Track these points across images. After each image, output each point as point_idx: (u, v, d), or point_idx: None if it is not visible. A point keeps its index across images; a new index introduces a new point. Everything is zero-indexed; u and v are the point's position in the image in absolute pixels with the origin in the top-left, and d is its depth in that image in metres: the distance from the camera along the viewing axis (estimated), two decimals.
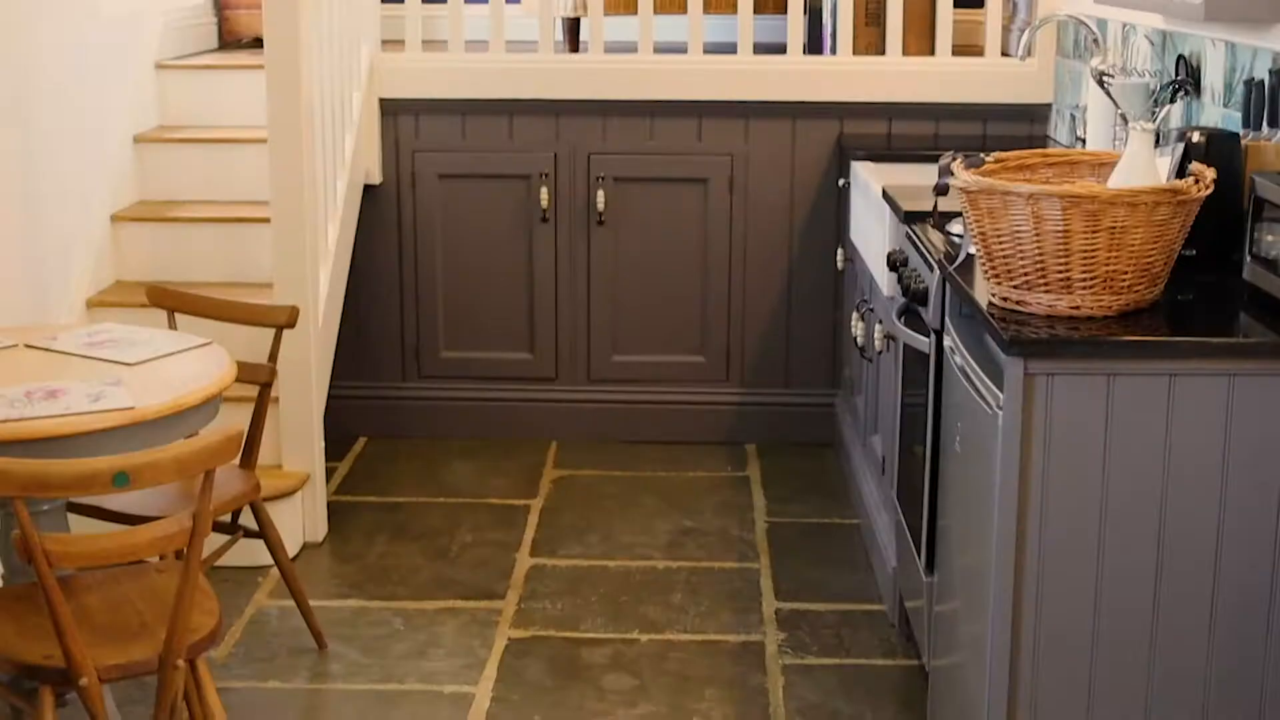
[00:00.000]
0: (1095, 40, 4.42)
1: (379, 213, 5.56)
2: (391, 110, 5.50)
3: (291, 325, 4.06)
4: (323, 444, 4.83)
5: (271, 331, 4.08)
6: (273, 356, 4.03)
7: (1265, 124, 3.26)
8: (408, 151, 5.54)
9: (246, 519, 4.02)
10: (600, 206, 5.51)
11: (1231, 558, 2.77)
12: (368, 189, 5.50)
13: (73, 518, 3.65)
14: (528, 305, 5.64)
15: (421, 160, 5.54)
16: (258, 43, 6.32)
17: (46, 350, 3.68)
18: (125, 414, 3.20)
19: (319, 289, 4.81)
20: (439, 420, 5.71)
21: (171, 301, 4.18)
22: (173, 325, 4.10)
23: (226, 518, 4.00)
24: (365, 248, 5.54)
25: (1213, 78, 3.77)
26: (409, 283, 5.63)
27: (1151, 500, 2.75)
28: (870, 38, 5.51)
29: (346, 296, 5.33)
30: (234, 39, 6.57)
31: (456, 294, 5.63)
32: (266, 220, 4.78)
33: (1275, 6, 3.40)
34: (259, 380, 3.96)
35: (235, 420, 3.22)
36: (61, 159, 5.02)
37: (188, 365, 3.56)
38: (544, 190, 5.51)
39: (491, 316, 5.65)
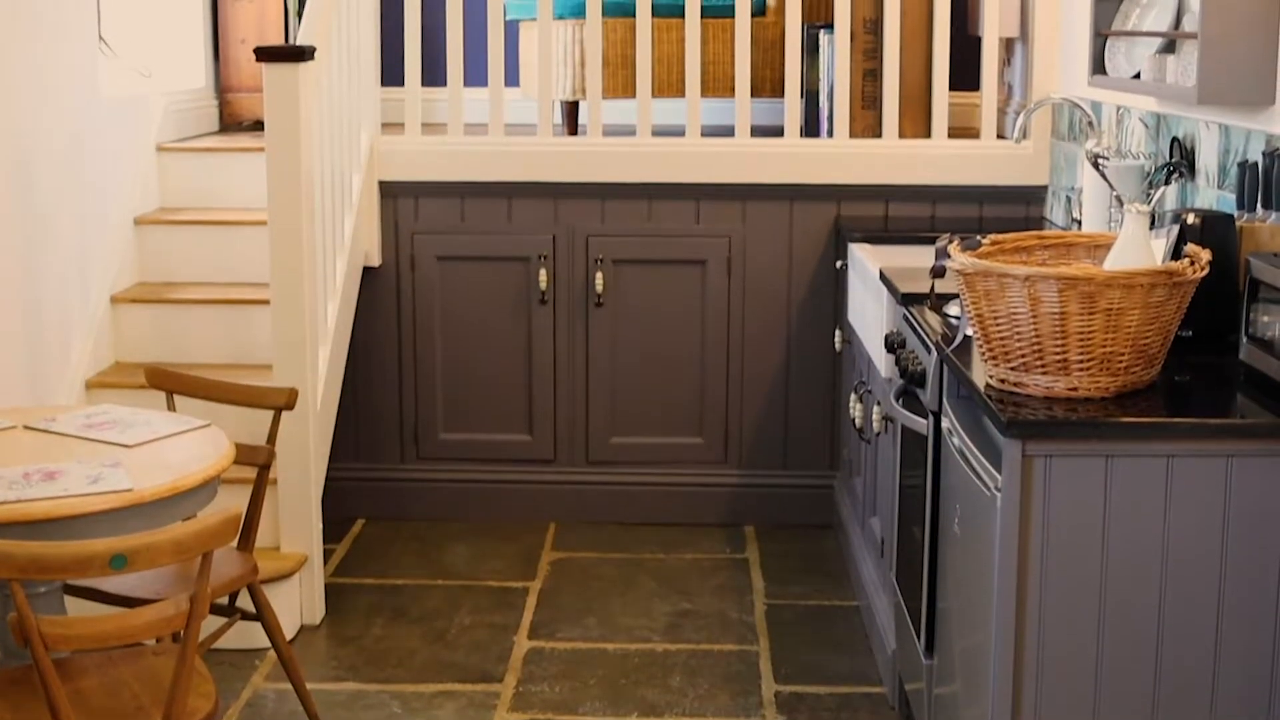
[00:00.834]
0: (1090, 123, 4.45)
1: (378, 294, 5.58)
2: (391, 192, 5.53)
3: (290, 407, 4.06)
4: (321, 525, 4.82)
5: (270, 413, 4.08)
6: (271, 438, 4.04)
7: (1259, 205, 3.28)
8: (407, 233, 5.56)
9: (244, 601, 4.01)
10: (599, 288, 5.53)
11: (1232, 639, 2.76)
12: (367, 271, 5.52)
13: (70, 600, 3.64)
14: (526, 387, 5.64)
15: (421, 242, 5.57)
16: (258, 125, 6.37)
17: (45, 432, 3.68)
18: (123, 496, 3.20)
19: (318, 371, 4.82)
20: (437, 502, 5.70)
21: (170, 383, 4.18)
22: (172, 407, 4.11)
23: (224, 599, 3.99)
24: (364, 329, 5.55)
25: (1207, 160, 3.79)
26: (408, 364, 5.64)
27: (1151, 582, 2.74)
28: (867, 120, 5.55)
29: (345, 378, 5.34)
30: (235, 122, 6.61)
31: (455, 376, 5.64)
32: (266, 302, 4.80)
33: (1267, 90, 3.43)
34: (257, 462, 3.96)
35: (233, 502, 3.22)
36: (62, 240, 5.04)
37: (186, 447, 3.57)
38: (543, 272, 5.53)
39: (490, 398, 5.65)
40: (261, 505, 4.00)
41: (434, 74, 5.93)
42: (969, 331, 3.14)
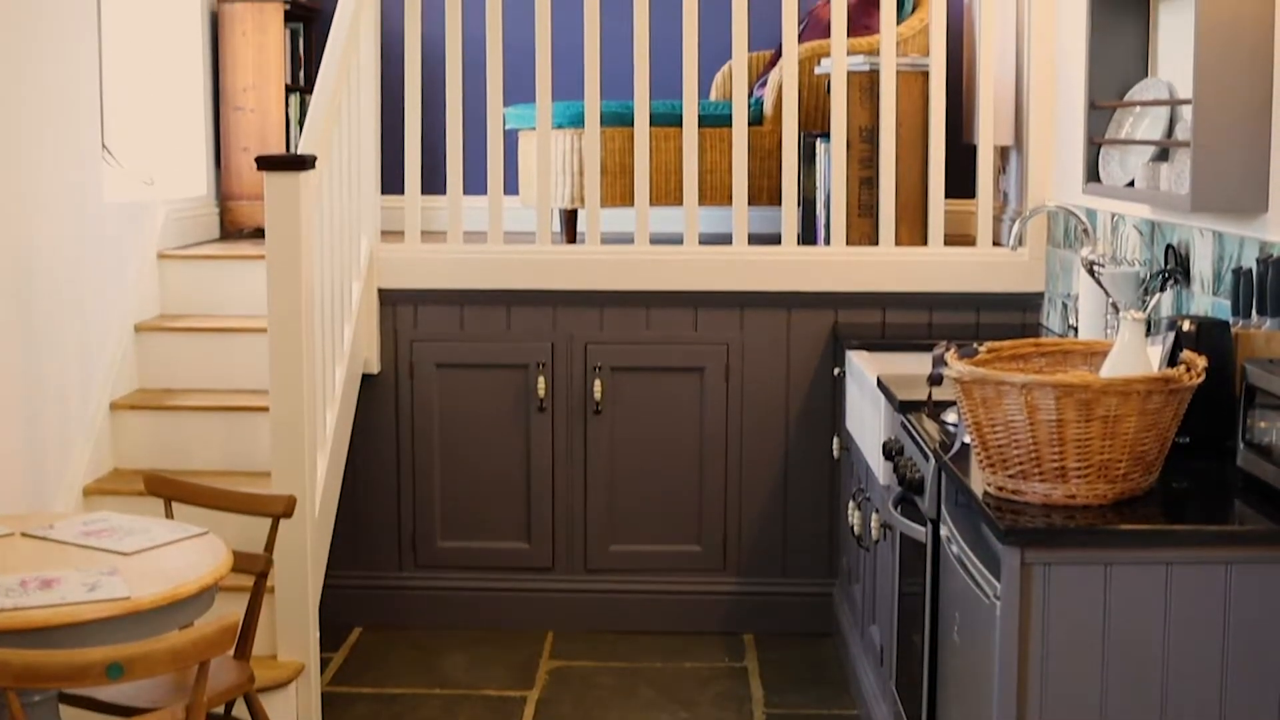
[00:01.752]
0: (1085, 230, 4.48)
1: (377, 401, 5.58)
2: (390, 300, 5.56)
3: (288, 515, 4.06)
4: (318, 634, 4.79)
5: (268, 520, 4.08)
6: (269, 546, 4.03)
7: (1254, 312, 3.30)
8: (406, 341, 5.58)
9: (240, 710, 3.98)
10: (597, 396, 5.54)
11: None
12: (366, 378, 5.53)
13: (66, 709, 3.62)
14: (525, 495, 5.64)
15: (420, 350, 5.58)
16: (259, 233, 6.42)
17: (43, 539, 3.67)
18: (120, 604, 3.19)
19: (316, 478, 4.81)
20: (435, 610, 5.67)
21: (169, 490, 4.18)
22: (170, 514, 4.10)
23: (220, 708, 3.96)
24: (363, 436, 5.55)
25: (1201, 266, 3.82)
26: (406, 472, 5.63)
27: (1152, 689, 2.73)
28: (864, 228, 5.58)
29: (343, 485, 5.33)
30: (236, 229, 6.65)
31: (454, 483, 5.64)
32: (265, 409, 4.80)
33: (1260, 197, 3.46)
34: (255, 570, 3.95)
35: (231, 609, 3.21)
36: (61, 346, 5.06)
37: (184, 555, 3.56)
38: (541, 380, 5.54)
39: (488, 506, 5.64)
40: (259, 613, 3.99)
41: (434, 182, 5.98)
42: (967, 439, 3.15)
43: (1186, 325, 3.24)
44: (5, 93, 4.74)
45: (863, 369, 4.65)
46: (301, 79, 6.89)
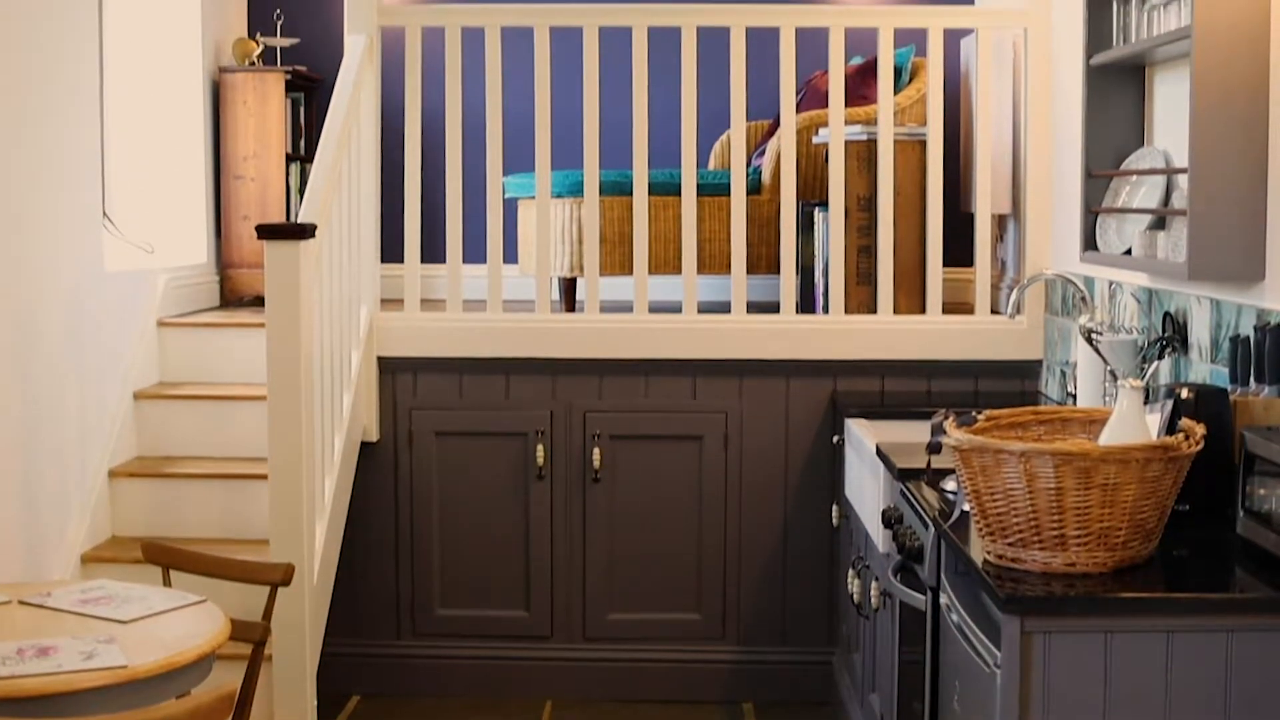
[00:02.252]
0: (1083, 298, 4.49)
1: (376, 469, 5.58)
2: (390, 368, 5.56)
3: (286, 583, 4.05)
4: (315, 703, 4.77)
5: (266, 588, 4.06)
6: (267, 614, 4.01)
7: (1253, 379, 3.30)
8: (405, 409, 5.58)
9: None
10: (596, 464, 5.53)
11: None
12: (365, 446, 5.53)
13: None
14: (523, 562, 5.62)
15: (419, 418, 5.58)
16: (259, 301, 6.43)
17: (40, 607, 3.66)
18: (117, 673, 3.17)
19: (315, 546, 4.80)
20: (433, 679, 5.65)
21: (167, 558, 4.17)
22: (167, 582, 4.09)
23: None
24: (361, 504, 5.55)
25: (1199, 334, 3.83)
26: (405, 540, 5.62)
27: None
28: (862, 296, 5.60)
29: (342, 553, 5.32)
30: (236, 297, 6.67)
31: (452, 551, 5.62)
32: (264, 477, 4.80)
33: (1256, 265, 3.48)
34: (252, 638, 3.93)
35: (228, 678, 3.19)
36: (61, 413, 5.06)
37: (181, 623, 3.55)
38: (540, 448, 5.54)
39: (487, 574, 5.63)
40: (256, 682, 3.96)
41: (433, 250, 6.00)
42: (966, 507, 3.14)
43: (1185, 393, 3.24)
44: (7, 160, 4.77)
45: (862, 437, 4.65)
46: (302, 148, 6.93)
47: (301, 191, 6.67)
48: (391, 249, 5.80)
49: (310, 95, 7.03)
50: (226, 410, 5.66)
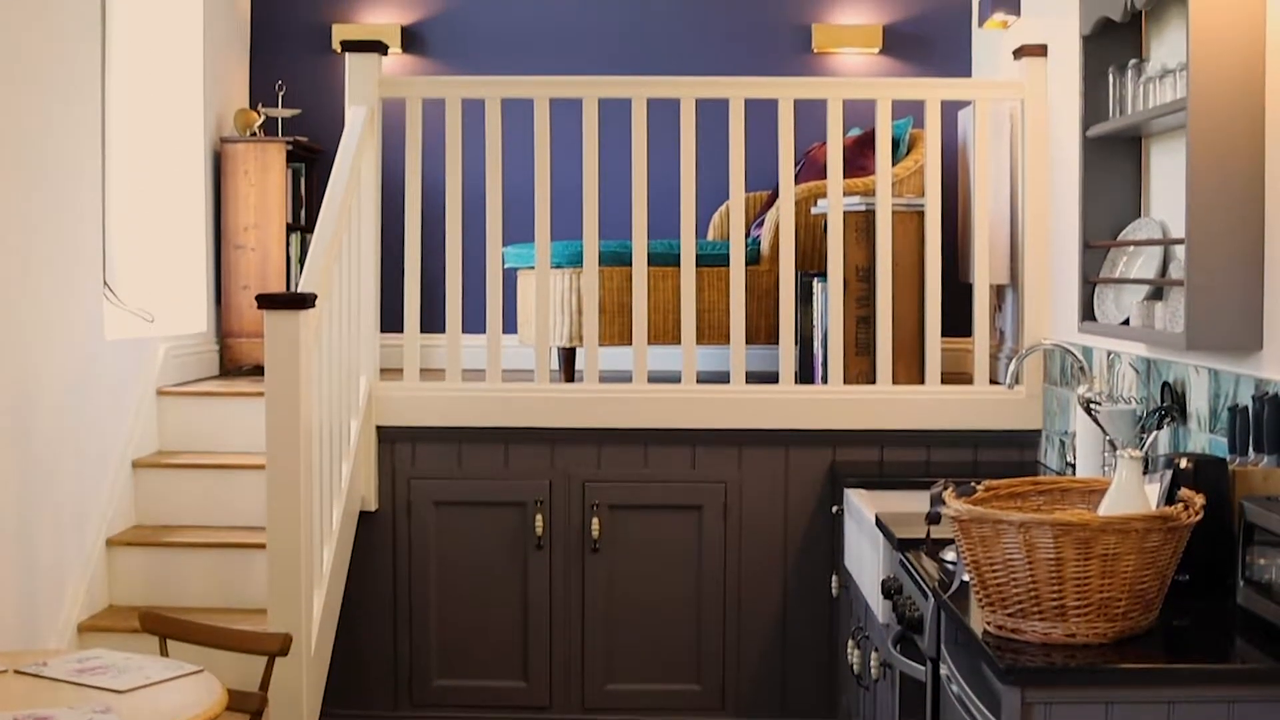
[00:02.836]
0: (1082, 368, 4.50)
1: (374, 539, 5.57)
2: (389, 438, 5.56)
3: (284, 653, 4.04)
4: None
5: (264, 658, 4.05)
6: (264, 684, 4.00)
7: (1251, 449, 3.30)
8: (404, 479, 5.58)
9: None
10: (595, 534, 5.53)
11: None
12: (364, 515, 5.52)
13: None
14: (522, 633, 5.60)
15: (417, 487, 5.58)
16: (258, 370, 6.44)
17: (36, 676, 3.64)
18: None
19: (312, 616, 4.78)
20: None
21: (164, 628, 4.16)
22: (164, 651, 4.08)
23: None
24: (360, 574, 5.53)
25: (1198, 404, 3.83)
26: (403, 610, 5.60)
27: None
28: (861, 366, 5.61)
29: (340, 623, 5.30)
30: (235, 366, 6.68)
31: (450, 621, 5.60)
32: (262, 546, 4.79)
33: (1254, 335, 3.49)
34: (249, 709, 3.92)
35: None
36: (59, 482, 5.06)
37: (178, 693, 3.53)
38: (539, 518, 5.53)
39: (485, 644, 5.61)
40: None
41: (433, 320, 6.02)
42: (965, 577, 3.14)
43: (1184, 463, 3.24)
44: (8, 228, 4.79)
45: (861, 507, 4.65)
46: (303, 218, 6.95)
47: (302, 261, 6.69)
48: (391, 319, 5.81)
49: (311, 165, 7.07)
50: (225, 479, 5.65)
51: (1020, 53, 5.49)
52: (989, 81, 6.20)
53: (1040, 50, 5.43)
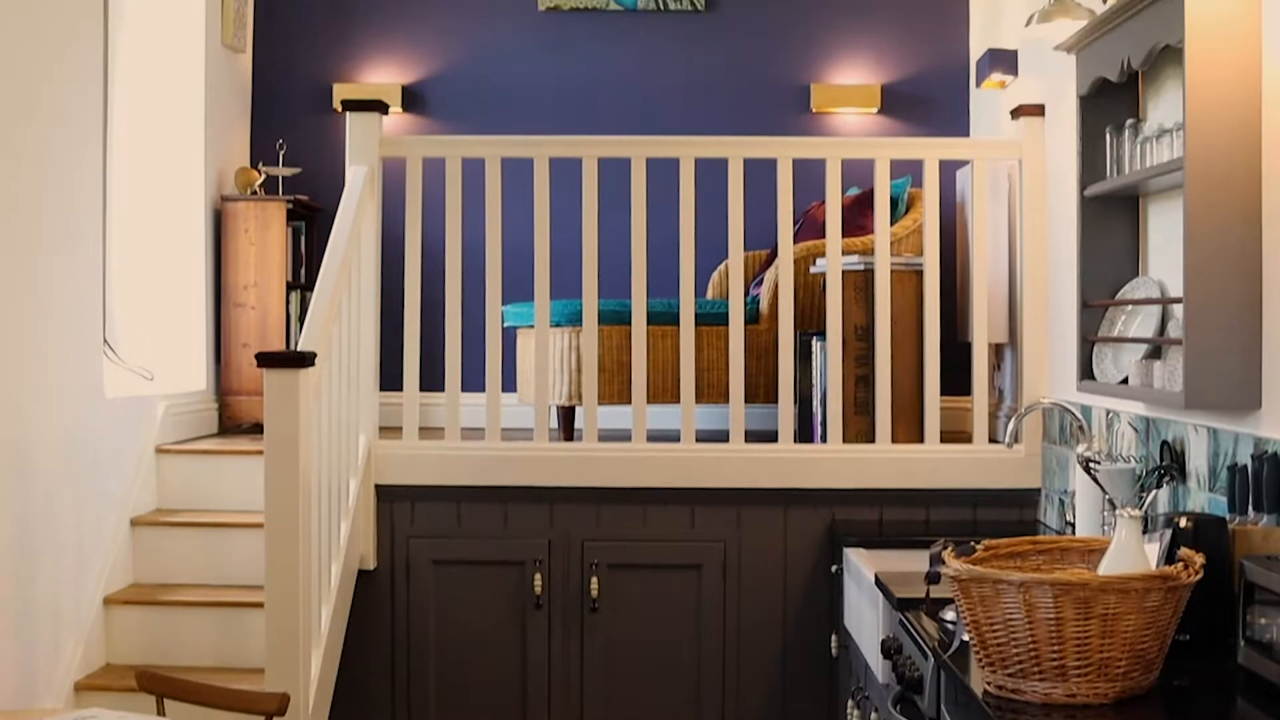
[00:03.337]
0: (1081, 427, 4.50)
1: (373, 598, 5.55)
2: (387, 496, 5.55)
3: (281, 713, 4.01)
4: None
5: (261, 718, 4.03)
6: None
7: (1251, 508, 3.30)
8: (402, 537, 5.56)
9: None
10: (594, 593, 5.51)
11: None
12: (362, 574, 5.50)
13: None
14: (520, 692, 5.57)
15: (416, 546, 5.56)
16: (258, 428, 6.44)
17: None
18: None
19: (310, 675, 4.76)
20: None
21: (161, 687, 4.13)
22: (161, 711, 4.06)
23: None
24: (358, 633, 5.51)
25: (1197, 463, 3.83)
26: (401, 669, 5.58)
27: None
28: (860, 425, 5.61)
29: (338, 682, 5.28)
30: (234, 424, 6.67)
31: (449, 680, 5.58)
32: (260, 605, 4.78)
33: (1253, 394, 3.49)
34: None
35: None
36: (58, 540, 5.05)
37: None
38: (537, 577, 5.52)
39: (484, 703, 5.58)
40: None
41: (433, 379, 6.02)
42: (965, 637, 3.13)
43: (1184, 522, 3.24)
44: (9, 287, 4.80)
45: (860, 566, 4.63)
46: (303, 276, 6.97)
47: (301, 319, 6.70)
48: (391, 377, 5.82)
49: (311, 223, 7.09)
50: (223, 538, 5.64)
51: (1018, 112, 5.52)
52: (987, 141, 6.23)
53: (1038, 110, 5.46)
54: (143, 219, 6.19)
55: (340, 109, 6.84)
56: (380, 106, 5.64)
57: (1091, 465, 4.16)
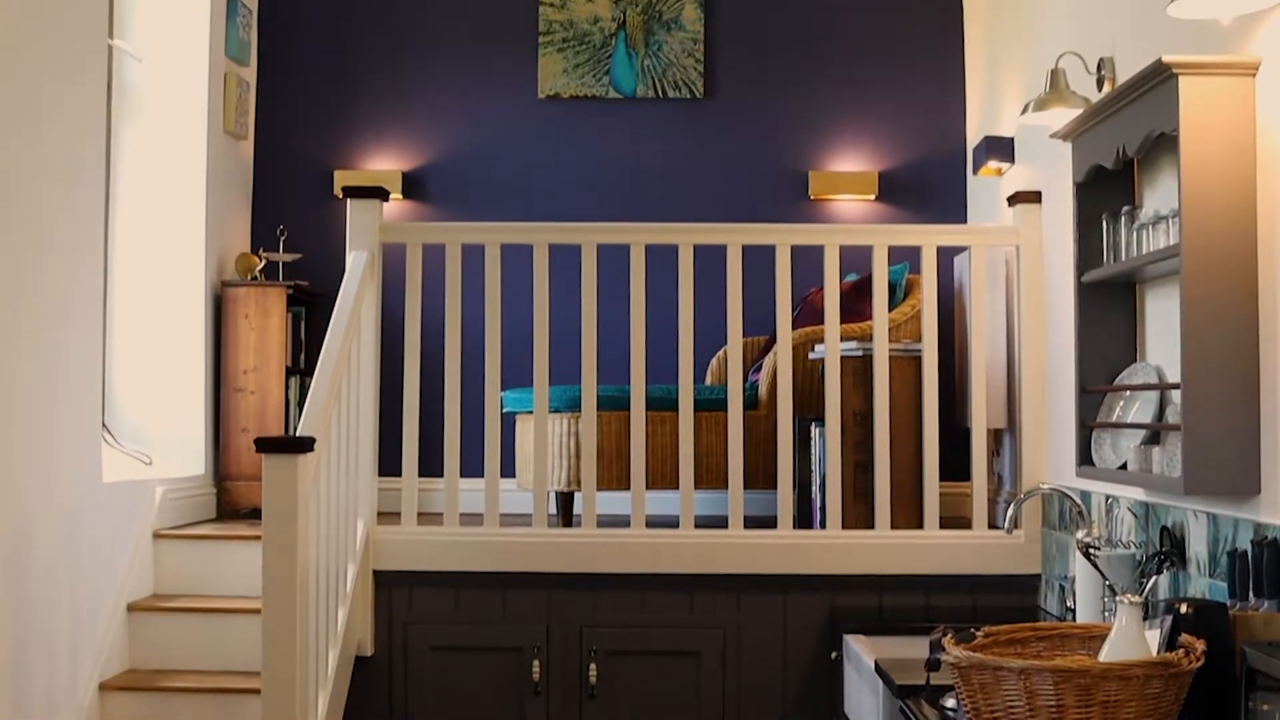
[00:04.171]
0: (1080, 513, 4.50)
1: (370, 685, 5.52)
2: (386, 582, 5.53)
3: None
4: None
5: None
6: None
7: (1251, 594, 3.29)
8: (400, 624, 5.54)
9: None
10: (592, 679, 5.48)
11: None
12: (359, 660, 5.47)
13: None
14: None
15: (414, 632, 5.54)
16: (256, 513, 6.42)
17: None
18: None
19: None
20: None
21: None
22: None
23: None
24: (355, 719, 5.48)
25: (1197, 548, 3.82)
26: None
27: None
28: (859, 511, 5.60)
29: None
30: (233, 509, 6.66)
31: None
32: (256, 691, 4.75)
33: (1252, 479, 3.49)
34: None
35: None
36: (53, 624, 5.03)
37: None
38: (536, 663, 5.49)
39: None
40: None
41: (431, 464, 6.01)
42: None
43: (1184, 608, 3.23)
44: (9, 369, 4.81)
45: (860, 653, 4.61)
46: (302, 361, 6.98)
47: (301, 404, 6.70)
48: (389, 462, 5.81)
49: (311, 309, 7.11)
50: (220, 623, 5.62)
51: (1015, 199, 5.55)
52: (984, 227, 6.26)
53: (1034, 197, 5.49)
54: (144, 303, 6.22)
55: (341, 195, 6.88)
56: (381, 193, 5.67)
57: (1091, 551, 4.15)
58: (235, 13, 6.90)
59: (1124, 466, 4.10)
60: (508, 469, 6.32)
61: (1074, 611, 4.55)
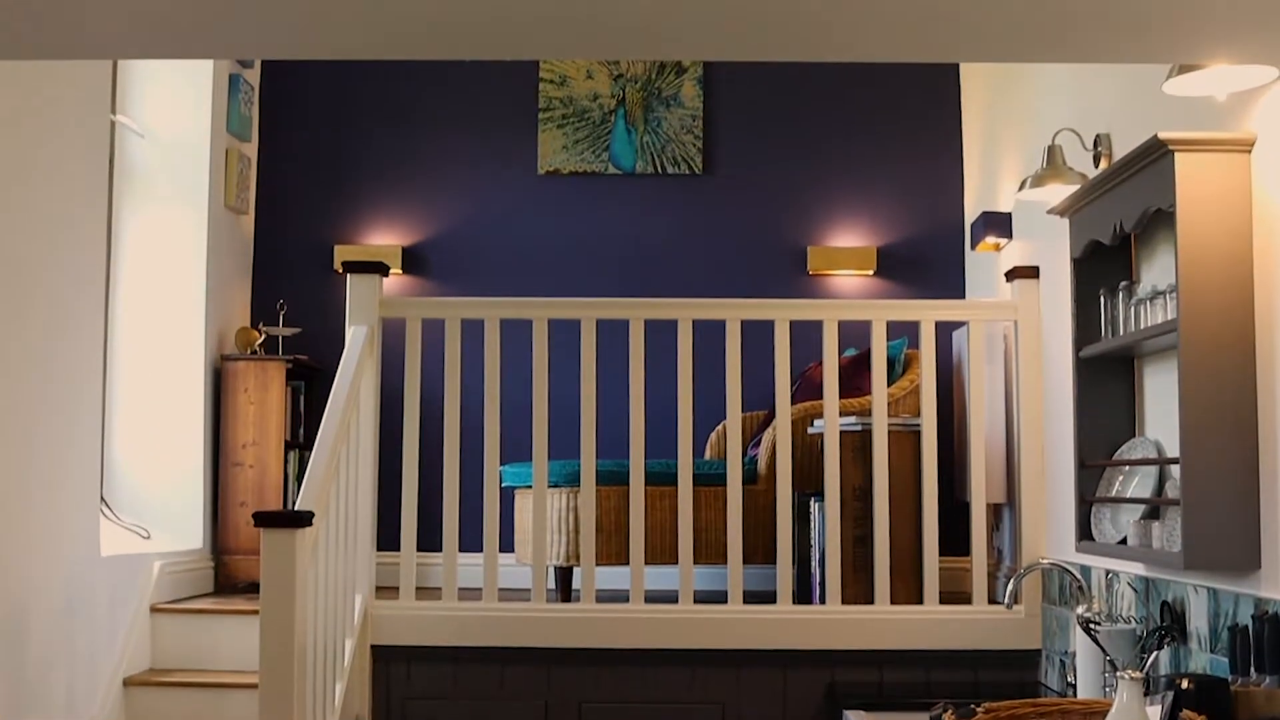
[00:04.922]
0: (1080, 587, 4.49)
1: None
2: (383, 657, 5.51)
3: None
4: None
5: None
6: None
7: (1253, 669, 3.28)
8: (399, 699, 5.51)
9: None
10: None
11: None
12: None
13: None
14: None
15: (412, 708, 5.51)
16: (254, 587, 6.40)
17: None
18: None
19: None
20: None
21: None
22: None
23: None
24: None
25: (1198, 623, 3.81)
26: None
27: None
28: (859, 586, 5.58)
29: None
30: (230, 583, 6.64)
31: None
32: None
33: (1252, 554, 3.48)
34: None
35: None
36: (49, 699, 5.00)
37: None
38: None
39: None
40: None
41: (430, 539, 6.00)
42: None
43: (1185, 684, 3.22)
44: (8, 443, 4.81)
45: None
46: (301, 435, 6.98)
47: (300, 478, 6.69)
48: (388, 537, 5.80)
49: (311, 383, 7.12)
50: (217, 698, 5.58)
51: (1013, 275, 5.57)
52: (982, 303, 6.27)
53: (1032, 272, 5.52)
54: (144, 377, 6.23)
55: (341, 270, 6.90)
56: (381, 268, 5.69)
57: (1092, 626, 4.14)
58: (237, 89, 6.95)
59: (1124, 541, 4.10)
60: (506, 544, 6.31)
61: (1074, 687, 4.53)
